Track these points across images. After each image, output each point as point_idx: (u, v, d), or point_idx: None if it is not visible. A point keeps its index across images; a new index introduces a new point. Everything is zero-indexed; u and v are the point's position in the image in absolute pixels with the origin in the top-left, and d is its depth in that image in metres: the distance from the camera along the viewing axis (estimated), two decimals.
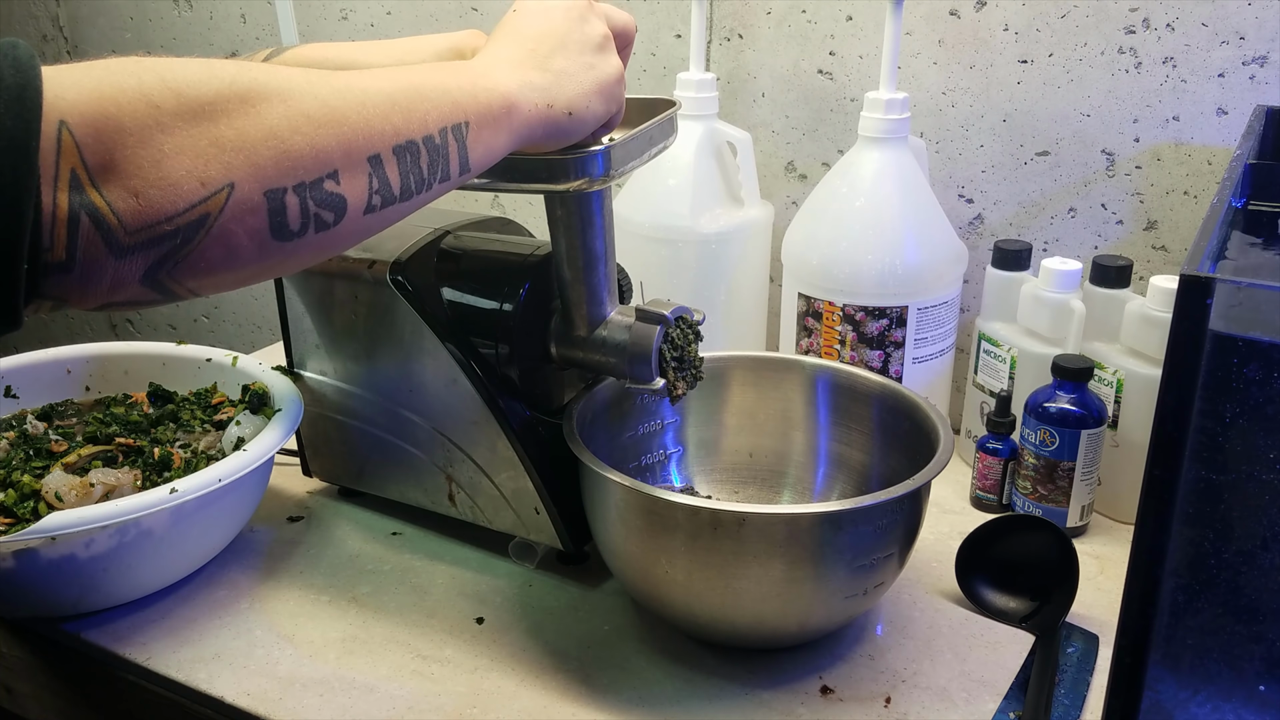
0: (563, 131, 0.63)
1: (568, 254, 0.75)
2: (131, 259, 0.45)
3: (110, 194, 0.44)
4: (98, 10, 1.58)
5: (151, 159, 0.45)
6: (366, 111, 0.51)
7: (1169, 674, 0.54)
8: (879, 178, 0.94)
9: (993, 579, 0.81)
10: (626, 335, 0.76)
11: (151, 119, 0.45)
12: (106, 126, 0.44)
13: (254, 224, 0.48)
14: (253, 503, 0.85)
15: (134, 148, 0.44)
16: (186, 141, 0.45)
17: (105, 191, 0.44)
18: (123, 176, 0.44)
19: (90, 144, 0.43)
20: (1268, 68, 0.90)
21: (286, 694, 0.71)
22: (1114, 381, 0.88)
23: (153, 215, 0.45)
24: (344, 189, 0.51)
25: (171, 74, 0.46)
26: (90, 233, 0.44)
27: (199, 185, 0.46)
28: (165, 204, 0.45)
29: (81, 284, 0.45)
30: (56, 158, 0.42)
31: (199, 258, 0.47)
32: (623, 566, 0.76)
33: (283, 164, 0.48)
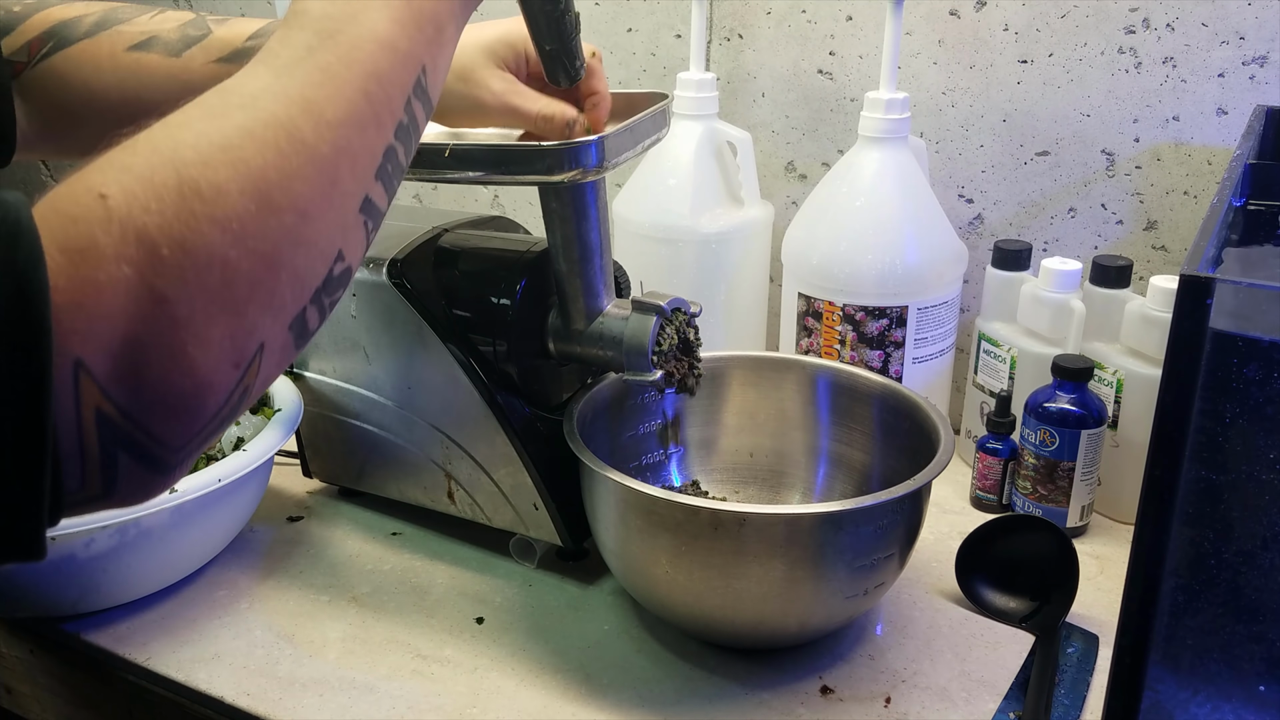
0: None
1: (563, 247, 0.75)
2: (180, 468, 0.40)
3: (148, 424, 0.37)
4: None
5: (183, 370, 0.38)
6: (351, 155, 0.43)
7: (1169, 674, 0.54)
8: (879, 178, 0.94)
9: (993, 579, 0.81)
10: (623, 326, 0.76)
11: (165, 316, 0.37)
12: (125, 350, 0.36)
13: (282, 358, 0.42)
14: (253, 503, 0.85)
15: (160, 363, 0.37)
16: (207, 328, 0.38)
17: (142, 423, 0.37)
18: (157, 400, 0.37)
19: (111, 376, 0.36)
20: (1268, 68, 0.90)
21: (286, 694, 0.71)
22: (1114, 381, 0.88)
23: (198, 424, 0.39)
24: (350, 259, 0.44)
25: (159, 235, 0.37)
26: (131, 466, 0.38)
27: (233, 369, 0.39)
28: (208, 407, 0.39)
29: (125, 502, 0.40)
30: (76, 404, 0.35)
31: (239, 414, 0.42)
32: (623, 566, 0.76)
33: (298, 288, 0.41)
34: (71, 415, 0.35)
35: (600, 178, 0.71)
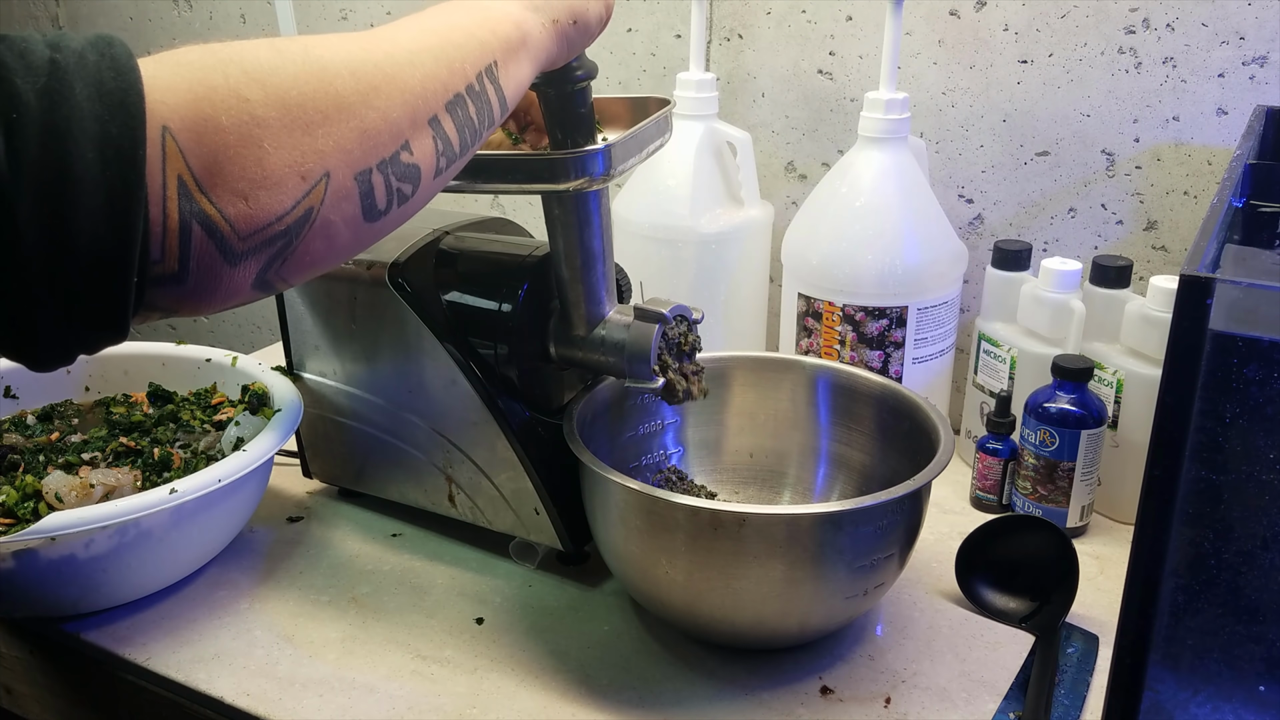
0: (572, 42, 0.62)
1: (566, 253, 0.75)
2: (245, 264, 0.45)
3: (220, 200, 0.43)
4: (98, 10, 1.59)
5: (255, 158, 0.43)
6: (418, 71, 0.51)
7: (1169, 674, 0.54)
8: (879, 178, 0.94)
9: (993, 579, 0.81)
10: (625, 334, 0.76)
11: (247, 114, 0.43)
12: (207, 129, 0.42)
13: (349, 210, 0.48)
14: (252, 503, 0.85)
15: (236, 148, 0.43)
16: (282, 135, 0.44)
17: (215, 198, 0.42)
18: (230, 179, 0.43)
19: (194, 149, 0.42)
20: (1268, 68, 0.90)
21: (286, 694, 0.71)
22: (1114, 381, 0.88)
23: (264, 217, 0.44)
24: (417, 157, 0.51)
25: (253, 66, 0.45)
26: (204, 242, 0.43)
27: (300, 180, 0.45)
28: (274, 204, 0.44)
29: (196, 294, 0.44)
30: (163, 165, 0.41)
31: (304, 253, 0.47)
32: (623, 567, 0.76)
33: (365, 144, 0.48)
34: (158, 175, 0.41)
35: (605, 186, 0.71)
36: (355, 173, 0.48)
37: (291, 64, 0.46)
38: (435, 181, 0.53)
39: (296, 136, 0.45)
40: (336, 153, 0.46)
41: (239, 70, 0.44)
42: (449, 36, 0.54)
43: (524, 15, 0.58)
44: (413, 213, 0.53)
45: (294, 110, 0.45)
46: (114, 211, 0.39)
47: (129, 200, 0.40)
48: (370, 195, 0.49)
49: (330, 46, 0.48)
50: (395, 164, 0.49)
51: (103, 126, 0.39)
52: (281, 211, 0.45)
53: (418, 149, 0.51)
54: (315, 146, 0.45)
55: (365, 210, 0.49)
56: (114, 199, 0.39)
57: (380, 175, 0.49)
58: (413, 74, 0.50)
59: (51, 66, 0.39)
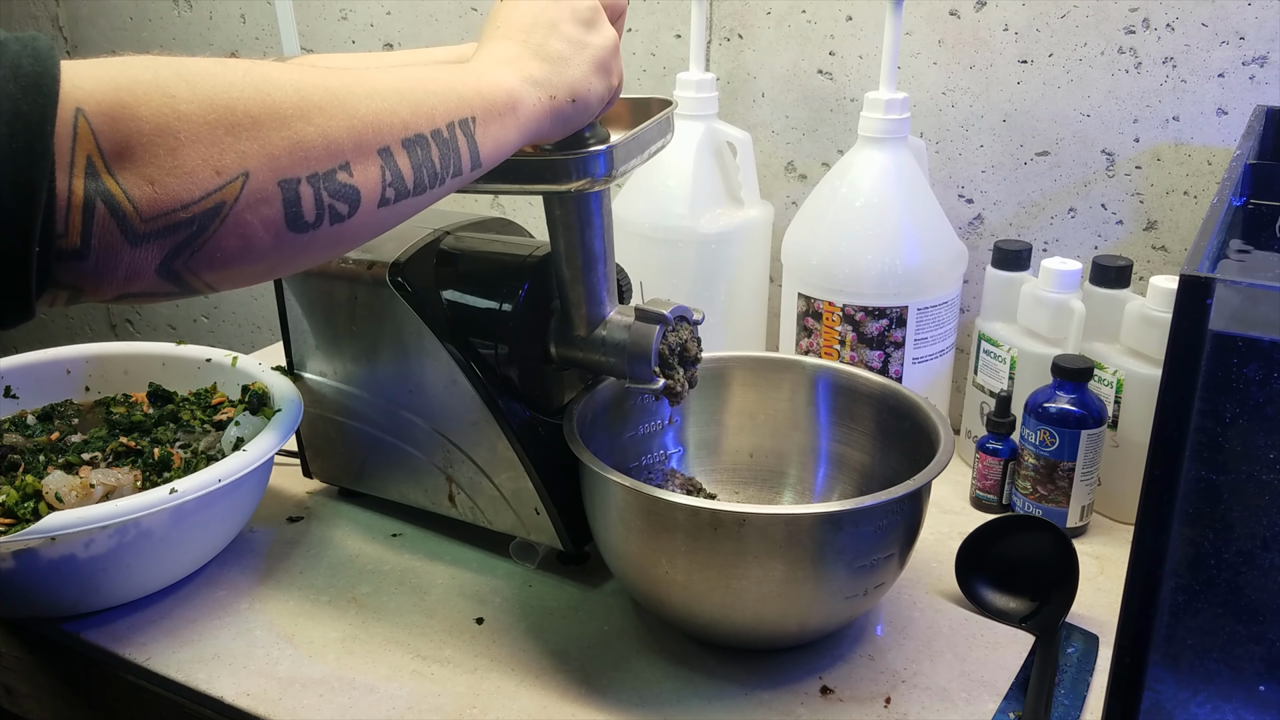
0: (568, 120, 0.63)
1: (567, 254, 0.75)
2: (147, 247, 0.45)
3: (126, 181, 0.44)
4: (98, 10, 1.59)
5: (167, 147, 0.45)
6: (375, 104, 0.52)
7: (1169, 674, 0.54)
8: (879, 178, 0.94)
9: (993, 579, 0.81)
10: (626, 335, 0.76)
11: (170, 109, 0.45)
12: (123, 115, 0.44)
13: (269, 214, 0.48)
14: (252, 503, 0.85)
15: (150, 136, 0.44)
16: (201, 131, 0.46)
17: (121, 178, 0.44)
18: (139, 164, 0.44)
19: (106, 131, 0.43)
20: (1268, 68, 0.90)
21: (286, 694, 0.71)
22: (1114, 381, 0.88)
23: (168, 202, 0.45)
24: (356, 180, 0.51)
25: (186, 69, 0.46)
26: (106, 219, 0.44)
27: (214, 174, 0.46)
28: (181, 191, 0.45)
29: (96, 273, 0.45)
30: (72, 144, 0.42)
31: (215, 248, 0.47)
32: (623, 567, 0.76)
33: (295, 154, 0.49)
34: (67, 152, 0.42)
35: (606, 187, 0.71)
36: (280, 179, 0.48)
37: (232, 74, 0.47)
38: (381, 211, 0.53)
39: (218, 134, 0.46)
40: (260, 156, 0.47)
41: (171, 72, 0.46)
42: (425, 85, 0.55)
43: (519, 87, 0.59)
44: (356, 234, 0.53)
45: (220, 110, 0.46)
46: (17, 180, 0.41)
47: (32, 170, 0.41)
48: (296, 204, 0.49)
49: (286, 70, 0.50)
50: (329, 180, 0.50)
51: (14, 104, 0.41)
52: (188, 200, 0.45)
53: (359, 172, 0.51)
54: (237, 147, 0.47)
55: (289, 219, 0.49)
56: (18, 168, 0.41)
57: (310, 188, 0.49)
58: (367, 105, 0.52)
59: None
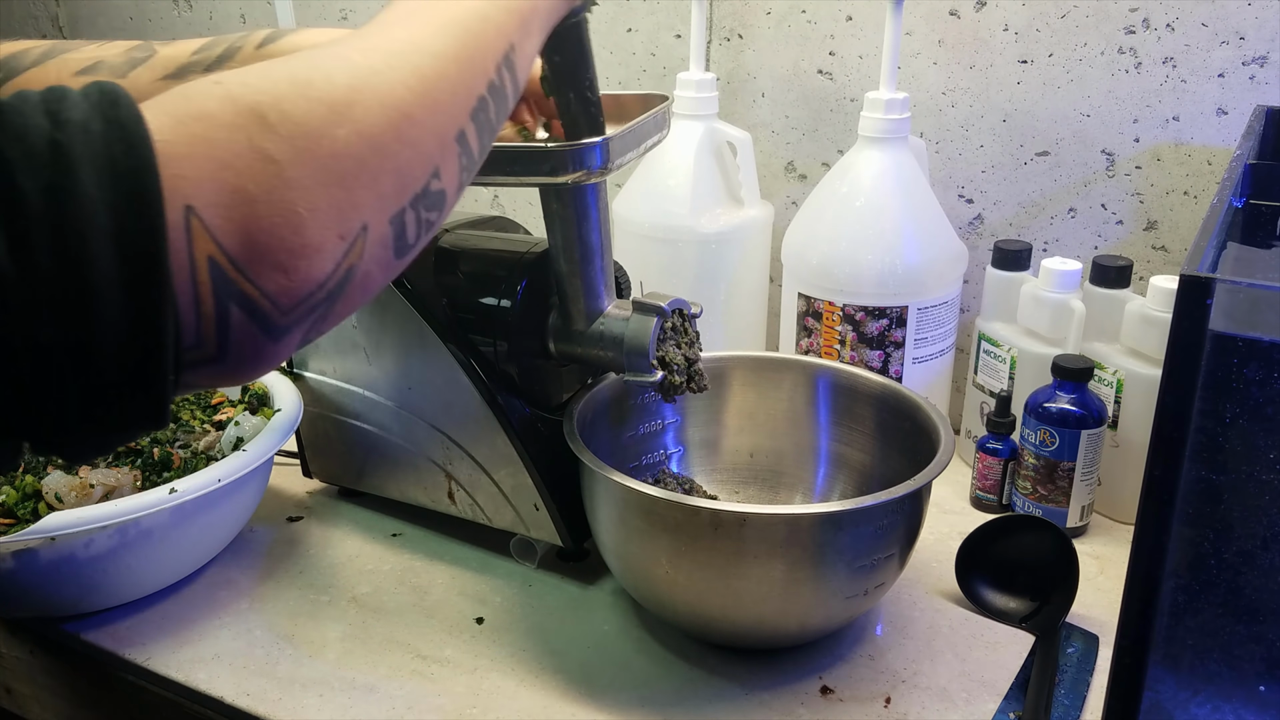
0: None
1: (564, 248, 0.75)
2: (288, 336, 0.42)
3: (258, 277, 0.39)
4: (98, 10, 1.58)
5: (291, 226, 0.40)
6: (447, 84, 0.46)
7: (1169, 674, 0.54)
8: (879, 178, 0.94)
9: (993, 579, 0.81)
10: (624, 327, 0.76)
11: (276, 177, 0.39)
12: (235, 200, 0.38)
13: (383, 255, 0.44)
14: (253, 503, 0.85)
15: (269, 218, 0.39)
16: (317, 195, 0.40)
17: (252, 275, 0.39)
18: (267, 253, 0.39)
19: (223, 225, 0.38)
20: (1268, 68, 0.90)
21: (286, 694, 0.71)
22: (1114, 381, 0.88)
23: (307, 287, 0.41)
24: (444, 182, 0.47)
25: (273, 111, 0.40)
26: (243, 321, 0.39)
27: (339, 240, 0.41)
28: (316, 272, 0.41)
29: (236, 371, 0.41)
30: (189, 248, 0.37)
31: (344, 308, 0.44)
32: (623, 566, 0.76)
33: (400, 184, 0.44)
34: (185, 261, 0.37)
35: (603, 179, 0.71)
36: (390, 217, 0.44)
37: (316, 104, 0.41)
38: (457, 197, 0.49)
39: (332, 193, 0.41)
40: (373, 202, 0.43)
41: (259, 123, 0.39)
42: (470, 26, 0.49)
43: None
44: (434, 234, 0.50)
45: (326, 164, 0.41)
46: (139, 314, 0.36)
47: (154, 300, 0.36)
48: (402, 234, 0.45)
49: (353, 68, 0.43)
50: (425, 196, 0.46)
51: (118, 219, 0.35)
52: (323, 278, 0.41)
53: (446, 173, 0.47)
54: (352, 200, 0.42)
55: (397, 250, 0.45)
56: (137, 300, 0.36)
57: (412, 212, 0.45)
58: (442, 89, 0.46)
59: (54, 151, 0.35)
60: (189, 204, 0.37)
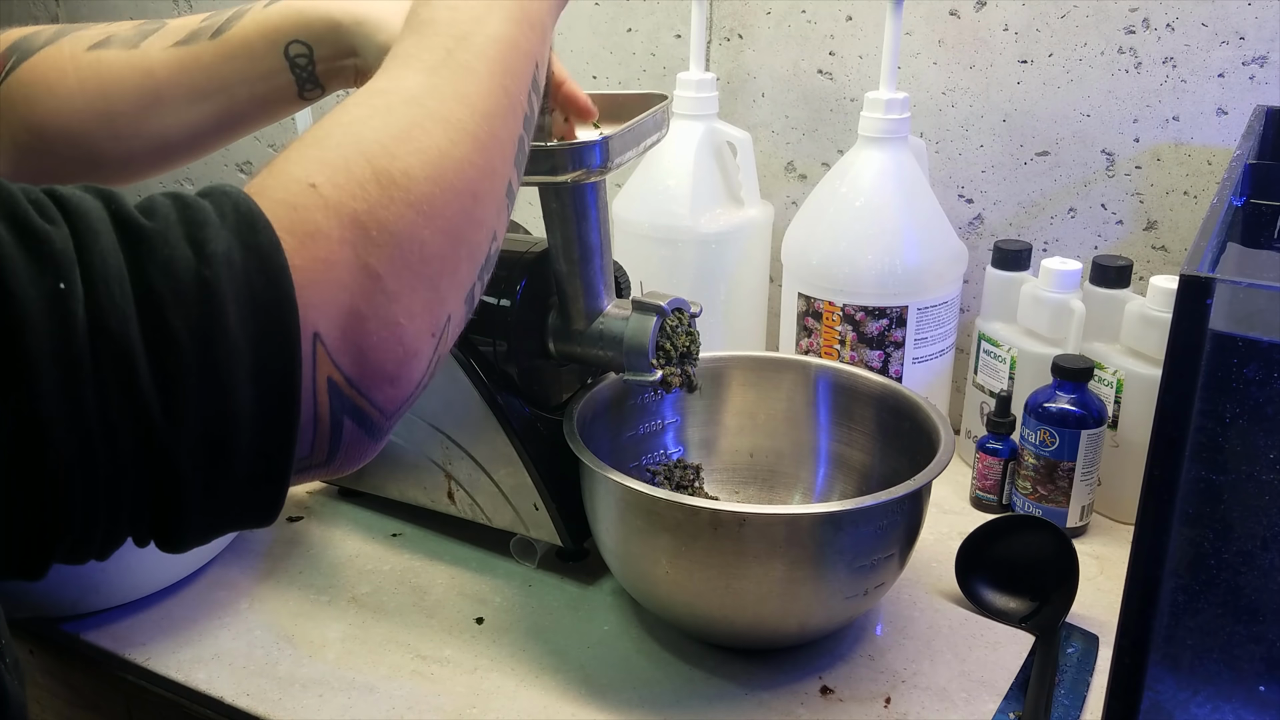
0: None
1: (563, 247, 0.75)
2: (386, 436, 0.44)
3: (369, 391, 0.41)
4: (97, 10, 1.58)
5: (395, 339, 0.41)
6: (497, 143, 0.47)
7: (1169, 674, 0.54)
8: (879, 178, 0.94)
9: (993, 579, 0.81)
10: (623, 327, 0.76)
11: (380, 291, 0.40)
12: (350, 323, 0.39)
13: (457, 331, 0.46)
14: None
15: (378, 334, 0.40)
16: (413, 301, 0.41)
17: (365, 390, 0.40)
18: (377, 368, 0.40)
19: (341, 348, 0.39)
20: (1268, 68, 0.90)
21: (286, 694, 0.71)
22: (1114, 381, 0.88)
23: (409, 390, 0.43)
24: (499, 239, 0.48)
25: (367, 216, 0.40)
26: (354, 431, 0.41)
27: (431, 338, 0.43)
28: (416, 375, 0.43)
29: (338, 469, 0.43)
30: (314, 373, 0.38)
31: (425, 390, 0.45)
32: (623, 566, 0.76)
33: (472, 265, 0.45)
34: (309, 385, 0.38)
35: (602, 179, 0.72)
36: (465, 297, 0.45)
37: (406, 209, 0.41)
38: None
39: (424, 296, 0.42)
40: (455, 292, 0.44)
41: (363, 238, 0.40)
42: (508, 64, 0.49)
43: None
44: None
45: (418, 269, 0.42)
46: (271, 440, 0.37)
47: (287, 428, 0.38)
48: (471, 304, 0.47)
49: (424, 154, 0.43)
50: (488, 262, 0.47)
51: (258, 356, 0.36)
52: (421, 378, 0.43)
53: (500, 231, 0.48)
54: (440, 297, 0.43)
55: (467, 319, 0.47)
56: (272, 428, 0.37)
57: (479, 282, 0.47)
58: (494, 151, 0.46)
59: (201, 289, 0.35)
60: (316, 330, 0.38)
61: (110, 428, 0.34)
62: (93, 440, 0.34)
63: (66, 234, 0.34)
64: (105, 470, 0.35)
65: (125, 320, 0.34)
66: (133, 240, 0.35)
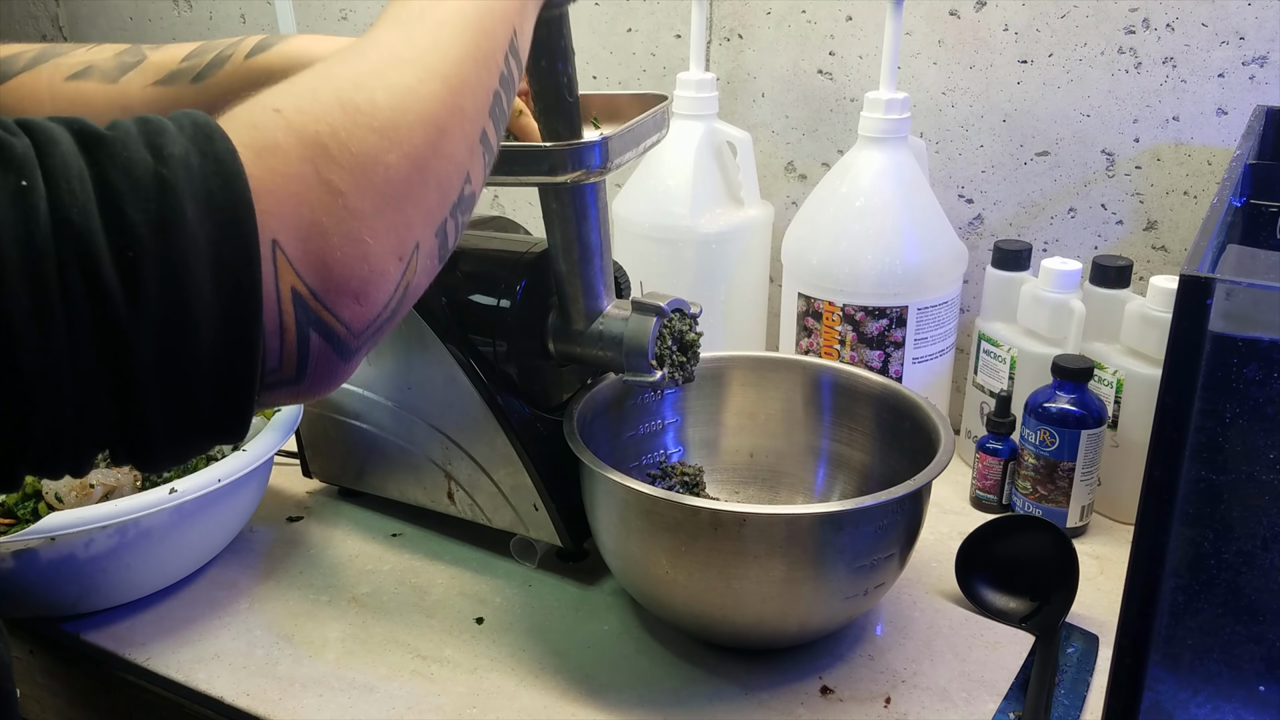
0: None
1: (563, 247, 0.75)
2: (358, 355, 0.44)
3: (335, 305, 0.41)
4: (98, 10, 1.58)
5: (359, 255, 0.42)
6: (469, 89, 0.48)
7: (1169, 674, 0.54)
8: (879, 178, 0.94)
9: (993, 579, 0.81)
10: (623, 327, 0.76)
11: (343, 209, 0.41)
12: (312, 234, 0.40)
13: (430, 265, 0.47)
14: (252, 503, 0.85)
15: (341, 249, 0.41)
16: (376, 220, 0.42)
17: (330, 304, 0.41)
18: (342, 283, 0.41)
19: (303, 258, 0.40)
20: (1268, 68, 0.90)
21: (286, 694, 0.71)
22: (1114, 381, 0.88)
23: (375, 310, 0.43)
24: (474, 185, 0.49)
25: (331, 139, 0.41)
26: (321, 347, 0.42)
27: (398, 261, 0.44)
28: (382, 296, 0.43)
29: (310, 390, 0.43)
30: (275, 279, 0.39)
31: (398, 320, 0.46)
32: (623, 566, 0.76)
33: (441, 197, 0.46)
34: (272, 292, 0.39)
35: (602, 179, 0.72)
36: (435, 229, 0.46)
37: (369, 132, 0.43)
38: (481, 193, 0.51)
39: (389, 217, 0.43)
40: (422, 219, 0.45)
41: (323, 155, 0.41)
42: (480, 22, 0.50)
43: None
44: None
45: (383, 190, 0.43)
46: (234, 339, 0.38)
47: (248, 327, 0.38)
48: (445, 243, 0.47)
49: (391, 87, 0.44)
50: (461, 202, 0.48)
51: (216, 250, 0.37)
52: (388, 299, 0.44)
53: (474, 175, 0.49)
54: (406, 221, 0.44)
55: (440, 257, 0.48)
56: (233, 326, 0.38)
57: (451, 220, 0.47)
58: (465, 94, 0.48)
59: (159, 185, 0.37)
60: (274, 238, 0.39)
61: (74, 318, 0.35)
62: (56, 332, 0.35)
63: (27, 142, 0.36)
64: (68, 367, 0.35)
65: (86, 214, 0.35)
66: (92, 145, 0.37)
